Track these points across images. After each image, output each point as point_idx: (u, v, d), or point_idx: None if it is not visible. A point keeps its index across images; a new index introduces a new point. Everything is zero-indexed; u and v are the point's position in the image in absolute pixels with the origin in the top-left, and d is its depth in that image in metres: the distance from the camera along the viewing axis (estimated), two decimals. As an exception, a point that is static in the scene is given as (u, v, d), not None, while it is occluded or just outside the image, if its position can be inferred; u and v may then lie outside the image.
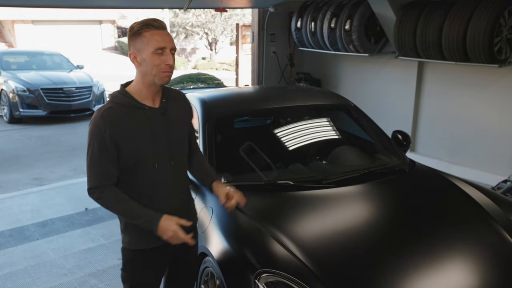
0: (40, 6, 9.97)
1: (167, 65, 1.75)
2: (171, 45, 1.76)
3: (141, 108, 1.80)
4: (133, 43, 1.76)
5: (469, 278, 1.99)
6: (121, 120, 1.75)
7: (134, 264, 1.92)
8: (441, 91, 5.45)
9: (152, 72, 1.75)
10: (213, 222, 2.29)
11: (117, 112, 1.76)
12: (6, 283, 3.17)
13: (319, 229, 2.26)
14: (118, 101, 1.80)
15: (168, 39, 1.75)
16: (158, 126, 1.83)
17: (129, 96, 1.80)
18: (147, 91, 1.81)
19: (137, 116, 1.79)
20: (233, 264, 2.03)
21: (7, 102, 8.81)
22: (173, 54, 1.79)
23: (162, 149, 1.83)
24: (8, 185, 5.33)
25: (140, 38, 1.74)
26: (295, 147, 3.09)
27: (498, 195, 2.75)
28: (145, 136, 1.79)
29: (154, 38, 1.72)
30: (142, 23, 1.75)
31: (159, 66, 1.74)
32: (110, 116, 1.75)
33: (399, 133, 3.31)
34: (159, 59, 1.73)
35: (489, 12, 4.31)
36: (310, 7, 6.44)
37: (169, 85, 1.93)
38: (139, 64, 1.76)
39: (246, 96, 3.58)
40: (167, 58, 1.74)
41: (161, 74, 1.75)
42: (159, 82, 1.78)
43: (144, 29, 1.73)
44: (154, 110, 1.83)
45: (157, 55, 1.73)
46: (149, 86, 1.80)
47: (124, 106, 1.78)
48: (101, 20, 23.30)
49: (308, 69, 7.26)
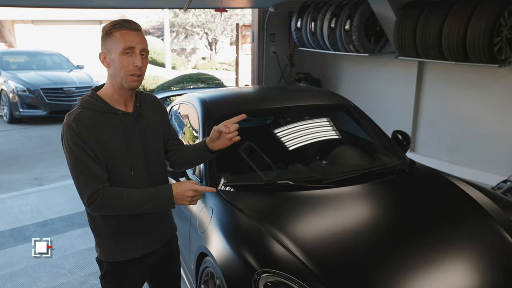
0: (40, 6, 9.97)
1: (135, 67, 1.65)
2: (142, 46, 1.67)
3: (114, 113, 1.71)
4: (104, 43, 1.69)
5: (469, 278, 1.99)
6: (94, 125, 1.65)
7: (111, 274, 1.85)
8: (441, 91, 5.45)
9: (120, 74, 1.66)
10: (213, 222, 2.29)
11: (89, 116, 1.66)
12: (6, 283, 3.17)
13: (319, 229, 2.26)
14: (90, 106, 1.69)
15: (138, 40, 1.67)
16: (133, 131, 1.75)
17: (101, 100, 1.70)
18: (118, 95, 1.72)
19: (111, 121, 1.70)
20: (233, 264, 2.03)
21: (7, 102, 8.82)
22: (145, 56, 1.70)
23: (137, 155, 1.75)
24: (8, 185, 5.34)
25: (110, 38, 1.66)
26: (295, 147, 3.09)
27: (498, 195, 2.75)
28: (120, 142, 1.71)
29: (123, 38, 1.64)
30: (114, 22, 1.68)
31: (127, 67, 1.65)
32: (83, 119, 1.65)
33: (399, 133, 3.31)
34: (127, 59, 1.65)
35: (489, 12, 4.30)
36: (310, 7, 6.43)
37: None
38: (108, 65, 1.69)
39: (246, 96, 3.58)
40: (136, 59, 1.65)
41: (128, 77, 1.66)
42: (127, 85, 1.68)
43: (115, 29, 1.66)
44: (128, 115, 1.74)
45: (125, 55, 1.64)
46: (119, 89, 1.71)
47: (96, 111, 1.68)
48: (101, 20, 23.26)
49: (308, 69, 7.26)
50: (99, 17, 22.83)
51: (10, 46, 20.08)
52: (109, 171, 1.70)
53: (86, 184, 1.63)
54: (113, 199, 1.64)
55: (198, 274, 2.38)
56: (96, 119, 1.67)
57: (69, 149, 1.64)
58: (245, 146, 2.80)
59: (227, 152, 2.89)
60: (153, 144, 1.83)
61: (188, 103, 3.30)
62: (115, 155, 1.70)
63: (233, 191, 2.51)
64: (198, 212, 2.48)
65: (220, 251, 2.11)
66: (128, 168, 1.73)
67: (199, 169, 2.71)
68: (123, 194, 1.66)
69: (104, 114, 1.69)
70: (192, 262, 2.47)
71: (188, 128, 3.31)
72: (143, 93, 1.91)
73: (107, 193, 1.64)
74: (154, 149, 1.83)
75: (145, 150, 1.78)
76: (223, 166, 2.67)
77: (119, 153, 1.71)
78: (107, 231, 1.80)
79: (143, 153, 1.78)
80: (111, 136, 1.69)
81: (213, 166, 2.63)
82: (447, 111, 5.39)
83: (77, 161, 1.64)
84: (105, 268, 1.85)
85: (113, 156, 1.70)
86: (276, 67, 7.20)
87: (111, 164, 1.70)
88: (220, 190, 2.51)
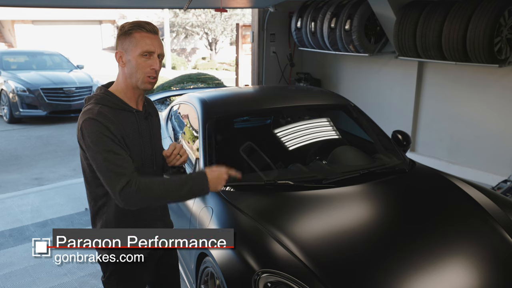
0: (40, 6, 9.97)
1: (153, 70, 1.69)
2: (160, 51, 1.71)
3: (129, 110, 1.75)
4: (121, 42, 1.71)
5: (469, 278, 1.99)
6: (116, 120, 1.67)
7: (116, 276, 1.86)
8: (441, 91, 5.45)
9: (137, 75, 1.69)
10: (213, 222, 2.29)
11: (109, 112, 1.68)
12: (6, 283, 3.17)
13: (319, 229, 2.26)
14: (106, 103, 1.70)
15: (157, 44, 1.70)
16: (144, 130, 1.79)
17: (116, 98, 1.73)
18: (131, 93, 1.75)
19: (126, 118, 1.73)
20: (233, 264, 2.03)
21: (7, 102, 8.82)
22: (161, 60, 1.74)
23: (147, 153, 1.80)
24: (8, 185, 5.34)
25: (129, 38, 1.68)
26: (295, 147, 3.09)
27: (498, 195, 2.75)
28: (135, 139, 1.75)
29: (144, 41, 1.67)
30: (134, 23, 1.70)
31: (145, 69, 1.68)
32: (106, 114, 1.66)
33: (399, 133, 3.31)
34: (145, 62, 1.68)
35: (489, 12, 4.30)
36: (310, 7, 6.44)
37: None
38: (124, 65, 1.71)
39: (246, 96, 3.58)
40: (153, 63, 1.69)
41: (145, 79, 1.70)
42: (142, 86, 1.72)
43: (135, 30, 1.68)
44: (140, 113, 1.79)
45: (143, 58, 1.68)
46: (132, 89, 1.74)
47: (113, 108, 1.70)
48: (101, 20, 23.29)
49: (308, 69, 7.26)
50: (99, 17, 22.85)
51: (10, 46, 20.09)
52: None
53: (120, 173, 1.59)
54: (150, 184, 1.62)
55: (198, 274, 2.38)
56: (115, 115, 1.69)
57: (97, 141, 1.61)
58: (245, 146, 2.80)
59: (227, 152, 2.91)
60: (158, 143, 1.89)
61: (188, 103, 3.30)
62: (132, 151, 1.72)
63: (233, 191, 2.51)
64: (198, 212, 2.48)
65: (220, 251, 2.10)
66: (141, 165, 1.76)
67: (199, 169, 2.71)
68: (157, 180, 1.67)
69: (119, 111, 1.72)
70: (192, 262, 2.47)
71: (188, 128, 3.31)
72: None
73: (141, 180, 1.62)
74: (158, 148, 1.89)
75: (153, 148, 1.84)
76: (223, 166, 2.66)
77: (135, 149, 1.74)
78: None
79: (151, 151, 1.83)
80: (129, 131, 1.72)
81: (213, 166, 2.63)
82: (447, 111, 5.39)
83: (107, 152, 1.60)
84: (110, 271, 1.85)
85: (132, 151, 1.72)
86: (276, 67, 7.20)
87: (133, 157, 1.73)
88: (220, 190, 2.50)
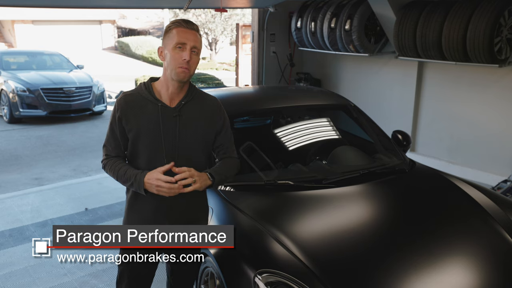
0: (40, 6, 9.97)
1: (184, 60, 1.80)
2: (193, 44, 1.82)
3: (154, 103, 1.87)
4: (163, 39, 1.87)
5: (469, 278, 1.99)
6: (132, 106, 1.86)
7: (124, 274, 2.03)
8: (441, 91, 5.45)
9: (170, 66, 1.82)
10: (213, 222, 2.29)
11: (132, 99, 1.88)
12: (6, 283, 3.17)
13: (319, 229, 2.26)
14: (138, 90, 1.91)
15: (191, 38, 1.82)
16: (168, 125, 1.87)
17: (148, 89, 1.90)
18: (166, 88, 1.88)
19: (149, 109, 1.87)
20: (233, 264, 2.03)
21: (7, 102, 8.81)
22: (196, 53, 1.84)
23: (168, 147, 1.87)
24: (8, 185, 5.33)
25: (168, 34, 1.84)
26: (295, 147, 3.09)
27: (498, 195, 2.75)
28: (153, 130, 1.86)
29: (178, 34, 1.81)
30: (175, 21, 1.85)
31: (177, 60, 1.80)
32: (125, 99, 1.89)
33: (399, 133, 3.31)
34: (178, 53, 1.80)
35: (489, 12, 4.30)
36: (310, 7, 6.43)
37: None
38: (163, 59, 1.86)
39: (246, 96, 3.58)
40: (184, 54, 1.80)
41: (177, 69, 1.81)
42: (175, 77, 1.83)
43: (174, 26, 1.83)
44: (168, 108, 1.88)
45: (177, 49, 1.80)
46: (170, 81, 1.86)
47: (141, 96, 1.89)
48: (101, 20, 23.29)
49: (308, 69, 7.26)
50: (99, 17, 22.85)
51: (10, 46, 20.08)
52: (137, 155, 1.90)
53: (104, 147, 1.95)
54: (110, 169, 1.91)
55: (198, 274, 2.38)
56: (138, 104, 1.87)
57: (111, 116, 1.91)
58: (245, 146, 2.81)
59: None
60: (185, 143, 1.90)
61: (188, 103, 3.30)
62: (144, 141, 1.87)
63: (233, 191, 2.52)
64: (198, 212, 2.47)
65: (220, 251, 2.11)
66: (157, 159, 1.86)
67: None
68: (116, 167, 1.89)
69: (146, 101, 1.88)
70: (192, 262, 2.46)
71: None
72: (205, 95, 2.00)
73: (110, 162, 1.92)
74: (185, 148, 1.90)
75: (176, 146, 1.88)
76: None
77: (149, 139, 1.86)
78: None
79: (172, 148, 1.88)
80: (144, 122, 1.86)
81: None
82: (447, 111, 5.39)
83: (109, 127, 1.93)
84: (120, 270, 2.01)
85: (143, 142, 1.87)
86: (276, 67, 7.20)
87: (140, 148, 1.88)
88: (220, 190, 2.51)
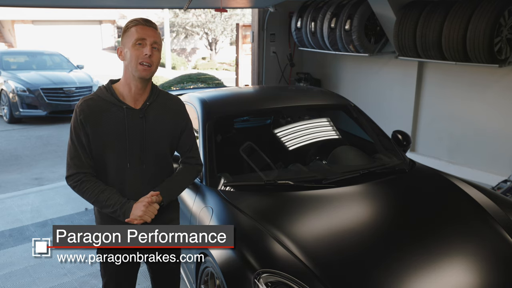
0: (40, 6, 9.97)
1: (145, 56, 1.75)
2: (153, 39, 1.78)
3: (119, 106, 1.82)
4: (122, 39, 1.82)
5: (469, 278, 1.99)
6: (95, 112, 1.79)
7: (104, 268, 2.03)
8: (441, 91, 5.45)
9: (132, 63, 1.77)
10: (213, 222, 2.29)
11: (95, 104, 1.81)
12: (6, 283, 3.17)
13: (319, 229, 2.26)
14: (100, 94, 1.84)
15: (151, 34, 1.78)
16: (134, 127, 1.82)
17: (111, 92, 1.83)
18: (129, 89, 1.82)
19: (114, 112, 1.81)
20: (233, 264, 2.03)
21: (7, 102, 8.82)
22: (157, 49, 1.80)
23: (134, 150, 1.83)
24: (8, 185, 5.34)
25: (127, 33, 1.80)
26: (295, 147, 3.09)
27: (498, 195, 2.75)
28: (119, 135, 1.81)
29: (138, 31, 1.77)
30: (133, 20, 1.81)
31: (138, 56, 1.75)
32: (87, 105, 1.80)
33: (399, 133, 3.31)
34: (138, 50, 1.76)
35: (489, 12, 4.30)
36: (310, 7, 6.43)
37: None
38: (123, 58, 1.81)
39: (246, 96, 3.58)
40: (146, 49, 1.76)
41: (138, 67, 1.76)
42: (136, 74, 1.78)
43: (132, 25, 1.79)
44: (133, 110, 1.83)
45: (137, 46, 1.76)
46: (132, 81, 1.81)
47: (104, 100, 1.82)
48: (101, 20, 23.28)
49: (308, 69, 7.26)
50: (99, 17, 22.85)
51: (10, 46, 20.08)
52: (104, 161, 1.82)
53: (70, 164, 1.83)
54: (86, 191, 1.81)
55: (198, 274, 2.38)
56: (101, 108, 1.80)
57: (70, 129, 1.82)
58: (245, 146, 2.81)
59: (227, 152, 2.91)
60: (152, 144, 1.87)
61: (188, 103, 3.30)
62: (111, 146, 1.81)
63: (233, 191, 2.52)
64: (198, 212, 2.48)
65: (220, 251, 2.10)
66: (124, 161, 1.82)
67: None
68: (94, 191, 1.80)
69: (110, 105, 1.81)
70: (192, 262, 2.47)
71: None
72: (168, 95, 1.97)
73: (84, 182, 1.81)
74: (152, 149, 1.87)
75: (143, 147, 1.84)
76: (223, 166, 2.67)
77: (116, 145, 1.80)
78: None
79: (140, 150, 1.84)
80: (110, 127, 1.80)
81: (213, 166, 2.64)
82: (447, 111, 5.39)
83: (70, 140, 1.82)
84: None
85: (110, 147, 1.81)
86: (276, 67, 7.20)
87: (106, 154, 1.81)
88: (220, 190, 2.51)
